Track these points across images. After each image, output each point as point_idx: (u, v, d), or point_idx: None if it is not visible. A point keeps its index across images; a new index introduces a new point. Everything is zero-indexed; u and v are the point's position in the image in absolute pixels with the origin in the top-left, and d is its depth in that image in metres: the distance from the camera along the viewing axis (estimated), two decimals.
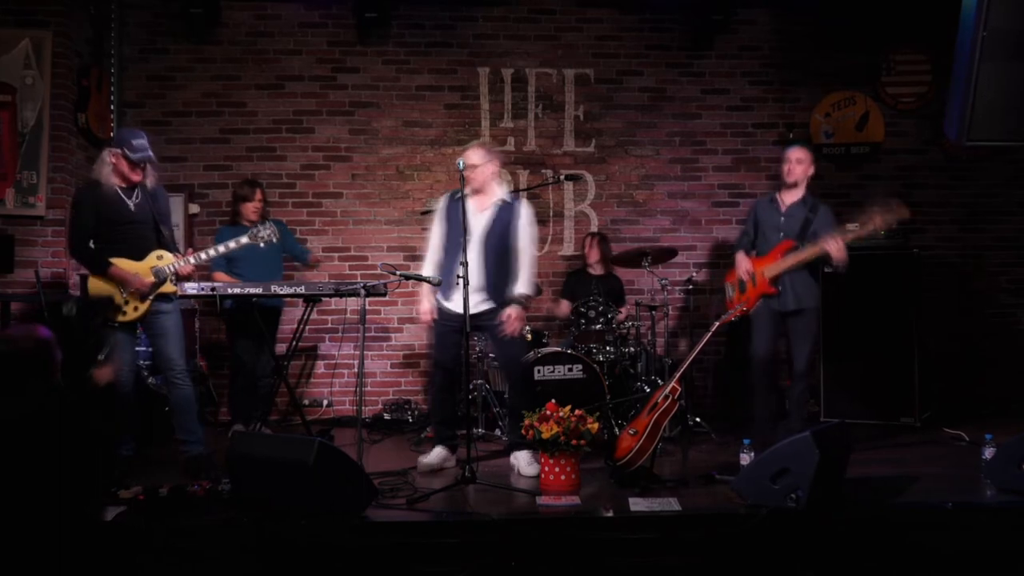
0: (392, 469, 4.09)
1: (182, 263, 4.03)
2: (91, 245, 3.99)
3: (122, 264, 3.95)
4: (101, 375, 3.65)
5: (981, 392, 6.01)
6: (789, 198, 4.50)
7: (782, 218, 4.48)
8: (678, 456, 4.45)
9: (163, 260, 4.02)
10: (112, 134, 5.45)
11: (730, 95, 6.24)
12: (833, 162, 6.27)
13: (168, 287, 4.04)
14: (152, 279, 3.97)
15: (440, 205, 4.32)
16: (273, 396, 5.27)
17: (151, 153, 3.98)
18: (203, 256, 4.15)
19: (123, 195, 3.99)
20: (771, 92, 6.26)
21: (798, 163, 4.45)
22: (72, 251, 4.11)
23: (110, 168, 3.96)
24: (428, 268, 4.29)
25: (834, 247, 4.21)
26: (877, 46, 6.26)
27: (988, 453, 3.83)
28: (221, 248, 4.19)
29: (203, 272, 5.29)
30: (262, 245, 4.24)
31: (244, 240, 4.19)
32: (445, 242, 4.23)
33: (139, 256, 3.99)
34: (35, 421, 2.68)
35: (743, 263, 4.53)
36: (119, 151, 3.93)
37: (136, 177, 3.97)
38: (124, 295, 3.95)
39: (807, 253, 4.32)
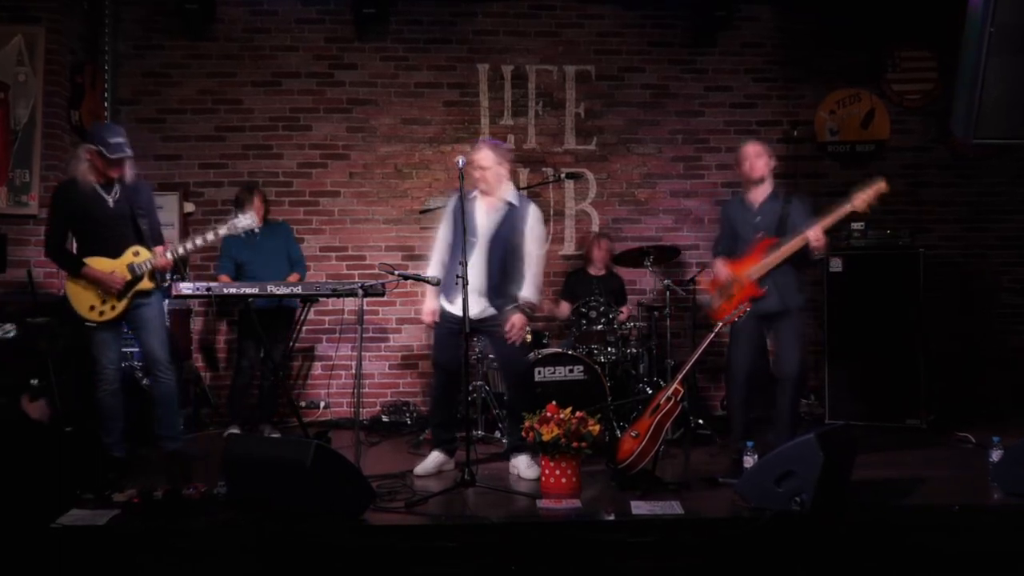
0: (390, 472, 4.05)
1: (158, 258, 3.96)
2: (67, 245, 3.95)
3: (97, 264, 3.90)
4: (32, 409, 3.54)
5: (983, 392, 5.96)
6: (759, 195, 4.33)
7: (757, 216, 4.31)
8: (680, 459, 4.39)
9: (139, 256, 3.96)
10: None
11: (733, 92, 6.19)
12: (838, 160, 6.22)
13: (146, 283, 3.98)
14: (128, 276, 3.92)
15: (449, 205, 4.20)
16: (275, 397, 5.22)
17: (129, 151, 3.90)
18: (180, 250, 4.05)
19: (101, 192, 3.93)
20: (775, 89, 6.20)
21: (758, 157, 4.29)
22: (47, 252, 4.07)
23: (87, 165, 3.89)
24: (433, 268, 4.20)
25: (813, 235, 4.08)
26: (881, 43, 6.20)
27: (995, 455, 3.78)
28: (199, 240, 4.09)
29: (207, 275, 5.25)
30: (243, 236, 4.17)
31: (222, 232, 4.10)
32: (451, 242, 4.12)
33: (116, 254, 3.94)
34: None
35: (722, 270, 4.33)
36: (95, 149, 3.85)
37: (114, 174, 3.91)
38: (101, 295, 3.90)
39: (788, 247, 4.15)
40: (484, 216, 4.09)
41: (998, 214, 6.27)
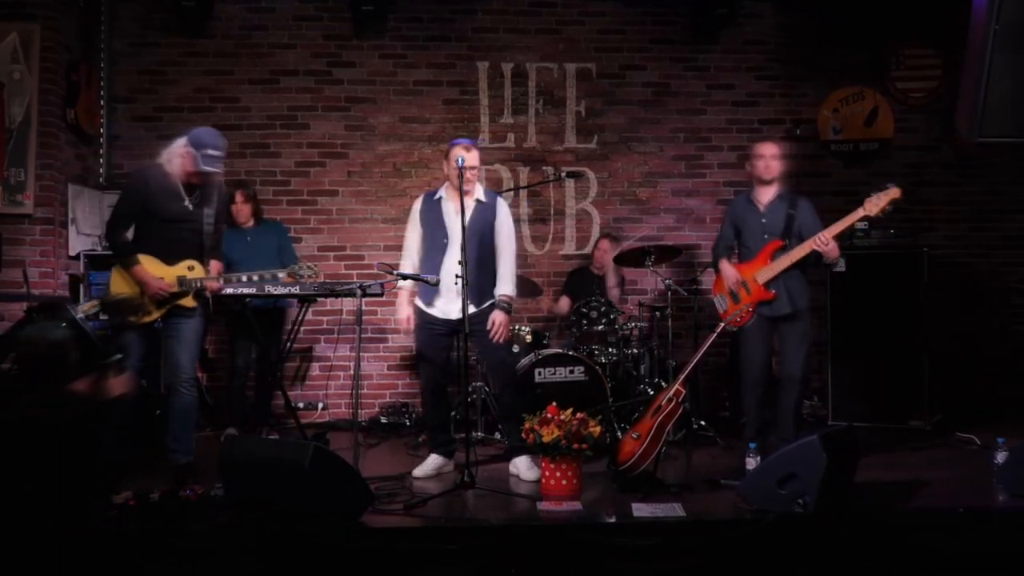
0: (389, 474, 4.02)
1: (211, 282, 3.91)
2: (128, 235, 3.86)
3: (149, 265, 3.82)
4: (116, 385, 3.46)
5: (986, 393, 5.92)
6: (766, 196, 4.29)
7: (763, 218, 4.26)
8: (682, 460, 4.37)
9: (193, 272, 3.88)
10: (122, 130, 5.41)
11: (735, 90, 6.15)
12: (841, 159, 6.17)
13: (189, 301, 3.90)
14: (175, 288, 3.84)
15: (415, 207, 4.20)
16: (271, 398, 5.18)
17: (220, 167, 3.83)
18: (233, 279, 4.04)
19: (183, 191, 3.85)
20: (777, 87, 6.16)
21: (774, 159, 4.25)
22: (106, 233, 3.99)
23: (180, 161, 3.81)
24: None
25: (823, 243, 4.03)
26: (884, 40, 6.17)
27: (1000, 457, 3.76)
28: (255, 276, 4.07)
29: None
30: (296, 279, 4.17)
31: (281, 275, 4.12)
32: (424, 245, 4.12)
33: (173, 259, 3.86)
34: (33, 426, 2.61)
35: (730, 272, 4.28)
36: (193, 152, 3.77)
37: (196, 180, 3.85)
38: (144, 297, 3.82)
39: (798, 252, 4.11)
40: (454, 215, 4.05)
41: (1002, 213, 6.23)
